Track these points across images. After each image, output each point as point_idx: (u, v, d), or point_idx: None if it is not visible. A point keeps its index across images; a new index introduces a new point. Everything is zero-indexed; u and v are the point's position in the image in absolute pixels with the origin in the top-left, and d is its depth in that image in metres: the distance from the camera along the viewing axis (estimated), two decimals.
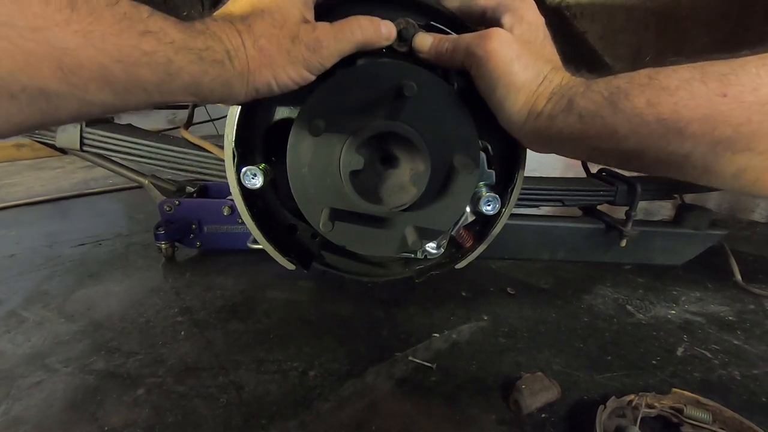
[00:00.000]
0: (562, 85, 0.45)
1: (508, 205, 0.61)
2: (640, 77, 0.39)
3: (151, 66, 0.34)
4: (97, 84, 0.31)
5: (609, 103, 0.40)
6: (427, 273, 0.67)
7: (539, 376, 0.71)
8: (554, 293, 1.06)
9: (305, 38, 0.44)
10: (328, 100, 0.50)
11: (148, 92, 0.35)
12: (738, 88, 0.34)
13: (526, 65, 0.46)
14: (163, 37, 0.34)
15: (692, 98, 0.36)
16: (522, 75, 0.46)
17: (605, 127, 0.41)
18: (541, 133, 0.47)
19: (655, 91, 0.37)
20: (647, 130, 0.38)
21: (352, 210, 0.55)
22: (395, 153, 0.52)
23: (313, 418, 0.66)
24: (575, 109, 0.43)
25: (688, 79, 0.36)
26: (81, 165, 2.19)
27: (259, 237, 0.58)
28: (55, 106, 0.30)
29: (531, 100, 0.46)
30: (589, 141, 0.43)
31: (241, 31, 0.41)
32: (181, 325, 0.88)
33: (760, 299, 1.06)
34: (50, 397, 0.69)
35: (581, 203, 1.09)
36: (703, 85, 0.35)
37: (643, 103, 0.38)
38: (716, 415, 0.65)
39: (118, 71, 0.32)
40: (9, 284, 1.03)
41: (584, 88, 0.43)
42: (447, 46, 0.50)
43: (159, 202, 1.11)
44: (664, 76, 0.38)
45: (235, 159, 0.54)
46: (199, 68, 0.37)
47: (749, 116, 0.34)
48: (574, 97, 0.43)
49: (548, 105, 0.45)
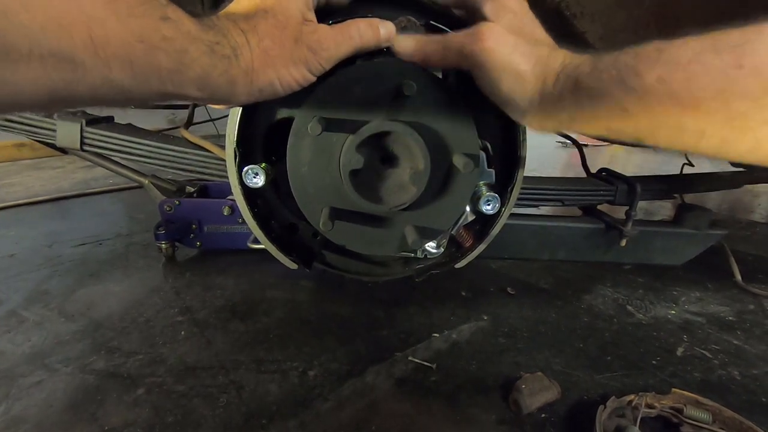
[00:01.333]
0: (565, 64, 0.44)
1: (508, 205, 0.61)
2: (648, 52, 0.37)
3: (169, 52, 0.34)
4: (120, 62, 0.32)
5: (618, 81, 0.38)
6: (427, 272, 0.67)
7: (539, 376, 0.71)
8: (554, 293, 1.06)
9: (307, 39, 0.44)
10: (328, 100, 0.50)
11: (162, 80, 0.35)
12: (754, 59, 0.32)
13: (524, 53, 0.45)
14: (181, 25, 0.35)
15: (706, 72, 0.34)
16: (524, 64, 0.45)
17: (616, 105, 0.39)
18: (552, 116, 0.46)
19: (665, 66, 0.35)
20: (660, 107, 0.37)
21: (352, 209, 0.55)
22: (395, 152, 0.52)
23: (313, 418, 0.66)
24: (583, 89, 0.41)
25: (700, 52, 0.34)
26: (81, 165, 2.20)
27: (261, 237, 0.59)
28: (78, 77, 0.30)
29: (538, 86, 0.45)
30: (600, 120, 0.42)
31: (246, 30, 0.41)
32: (181, 324, 0.88)
33: (760, 299, 1.06)
34: (50, 397, 0.69)
35: (581, 203, 1.09)
36: (717, 57, 0.33)
37: (654, 80, 0.36)
38: (716, 415, 0.65)
39: (140, 51, 0.32)
40: (9, 284, 1.03)
41: (590, 66, 0.41)
42: (435, 48, 0.49)
43: (159, 202, 1.11)
44: (675, 49, 0.35)
45: (237, 158, 0.54)
46: (210, 61, 0.37)
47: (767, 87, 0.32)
48: (581, 77, 0.42)
49: (556, 86, 0.44)
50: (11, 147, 2.33)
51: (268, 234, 0.59)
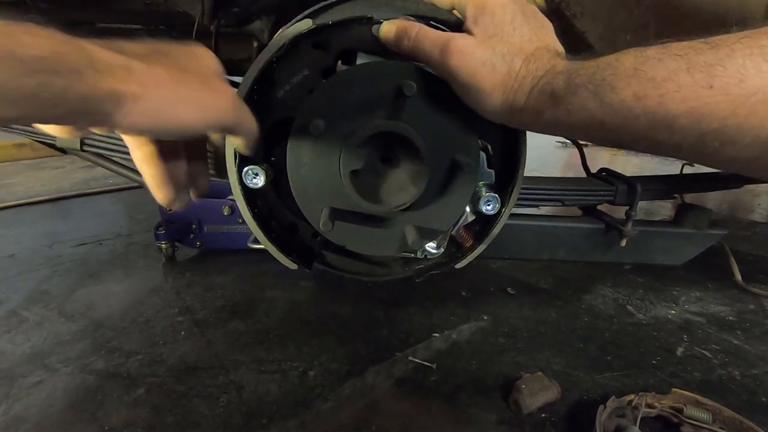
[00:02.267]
0: (539, 77, 0.44)
1: (508, 205, 0.61)
2: (624, 68, 0.38)
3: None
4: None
5: (594, 96, 0.39)
6: (426, 273, 0.67)
7: (539, 376, 0.71)
8: (554, 293, 1.06)
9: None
10: (328, 100, 0.50)
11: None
12: (724, 80, 0.33)
13: (494, 66, 0.45)
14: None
15: (679, 90, 0.35)
16: (490, 78, 0.45)
17: (593, 119, 0.40)
18: (530, 126, 0.47)
19: (641, 83, 0.37)
20: (636, 122, 0.38)
21: (352, 209, 0.54)
22: (395, 152, 0.52)
23: (313, 418, 0.66)
24: (560, 103, 0.42)
25: (675, 70, 0.35)
26: (81, 165, 2.20)
27: (261, 237, 0.58)
28: None
29: (510, 97, 0.45)
30: (578, 131, 0.43)
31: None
32: (181, 324, 0.88)
33: (760, 299, 1.06)
34: (50, 397, 0.69)
35: (581, 203, 1.09)
36: (690, 77, 0.34)
37: (629, 96, 0.37)
38: (716, 415, 0.65)
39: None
40: (9, 284, 1.03)
41: (564, 80, 0.42)
42: (407, 44, 0.48)
43: None
44: (650, 66, 0.37)
45: (237, 158, 0.54)
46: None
47: (734, 109, 0.33)
48: (556, 90, 0.42)
49: (530, 100, 0.44)
50: (11, 147, 2.33)
51: (268, 234, 0.59)
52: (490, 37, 0.46)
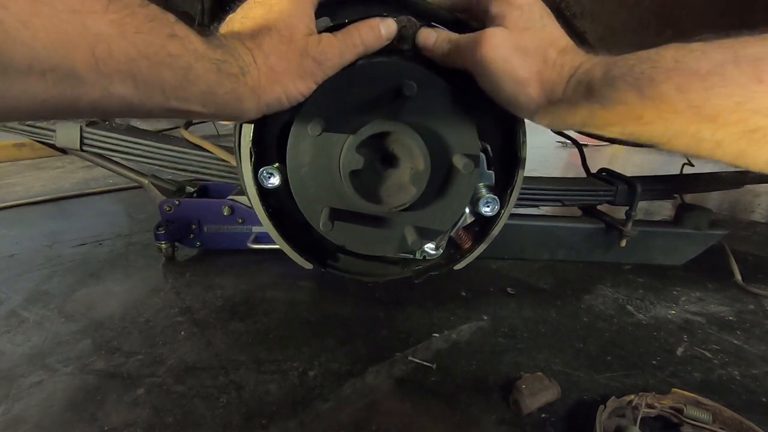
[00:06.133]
0: (575, 67, 0.43)
1: (507, 207, 0.61)
2: (665, 60, 0.36)
3: (174, 68, 0.35)
4: (122, 77, 0.32)
5: (634, 88, 0.38)
6: (425, 274, 0.67)
7: (539, 376, 0.71)
8: (554, 293, 1.05)
9: (312, 52, 0.44)
10: (328, 100, 0.50)
11: (165, 94, 0.36)
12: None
13: (527, 57, 0.45)
14: (188, 43, 0.36)
15: (725, 84, 0.33)
16: (524, 69, 0.45)
17: (631, 113, 0.39)
18: (563, 119, 0.46)
19: (684, 76, 0.35)
20: (677, 117, 0.36)
21: (351, 210, 0.55)
22: (395, 153, 0.52)
23: (313, 418, 0.66)
24: (596, 95, 0.41)
25: (721, 63, 0.33)
26: (81, 165, 2.19)
27: (276, 236, 0.58)
28: (79, 92, 0.31)
29: (546, 89, 0.45)
30: (614, 126, 0.42)
31: (251, 48, 0.41)
32: (181, 325, 0.88)
33: (760, 299, 1.06)
34: (50, 397, 0.69)
35: (581, 203, 1.09)
36: (737, 70, 0.33)
37: (671, 90, 0.35)
38: (716, 415, 0.65)
39: (144, 67, 0.33)
40: (9, 284, 1.03)
41: (602, 71, 0.41)
42: (445, 48, 0.49)
43: (159, 202, 1.11)
44: (694, 58, 0.35)
45: (252, 158, 0.54)
46: (216, 78, 0.38)
47: None
48: (593, 82, 0.41)
49: (567, 91, 0.44)
50: (11, 147, 2.33)
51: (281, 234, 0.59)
52: (522, 31, 0.46)
